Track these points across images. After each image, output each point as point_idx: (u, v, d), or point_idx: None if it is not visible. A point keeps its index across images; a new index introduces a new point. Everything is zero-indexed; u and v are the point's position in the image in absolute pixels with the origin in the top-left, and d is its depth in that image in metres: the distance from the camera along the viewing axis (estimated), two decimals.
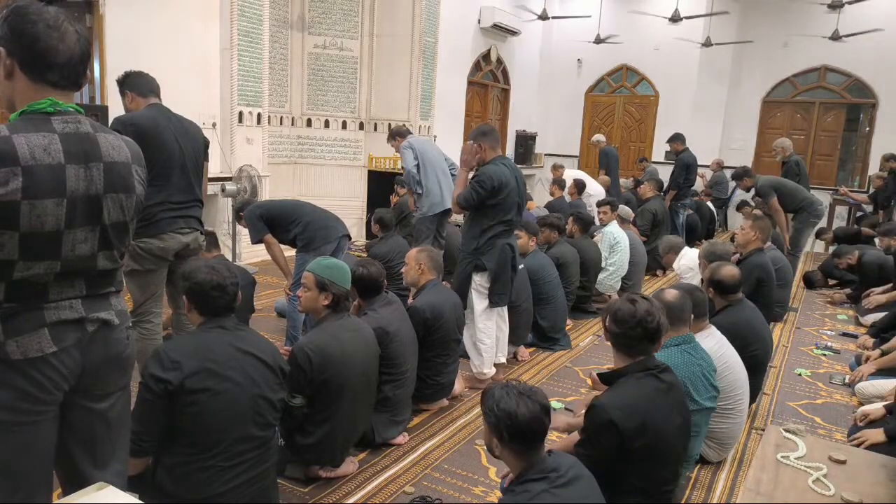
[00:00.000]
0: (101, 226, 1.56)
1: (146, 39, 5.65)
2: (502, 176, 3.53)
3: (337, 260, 2.95)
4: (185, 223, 3.07)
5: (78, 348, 1.56)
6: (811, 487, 1.67)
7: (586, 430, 2.16)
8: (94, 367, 1.60)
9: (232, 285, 2.18)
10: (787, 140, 7.24)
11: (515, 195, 3.63)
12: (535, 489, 1.72)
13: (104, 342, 1.62)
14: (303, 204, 4.21)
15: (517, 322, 4.26)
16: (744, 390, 3.02)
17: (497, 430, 1.75)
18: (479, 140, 3.61)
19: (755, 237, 4.57)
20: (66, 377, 1.55)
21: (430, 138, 8.49)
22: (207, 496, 2.06)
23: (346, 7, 7.82)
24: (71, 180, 1.48)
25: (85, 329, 1.57)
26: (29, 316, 1.49)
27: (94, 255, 1.57)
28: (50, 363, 1.51)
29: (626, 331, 2.16)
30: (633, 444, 2.03)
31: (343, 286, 2.72)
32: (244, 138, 6.50)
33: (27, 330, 1.48)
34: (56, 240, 1.48)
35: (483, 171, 3.55)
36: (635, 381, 2.14)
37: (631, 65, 11.90)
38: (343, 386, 2.61)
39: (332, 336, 2.65)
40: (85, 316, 1.57)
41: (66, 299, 1.55)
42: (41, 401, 1.52)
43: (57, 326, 1.52)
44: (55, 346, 1.51)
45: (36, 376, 1.50)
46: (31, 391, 1.50)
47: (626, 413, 2.05)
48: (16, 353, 1.47)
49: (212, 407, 2.04)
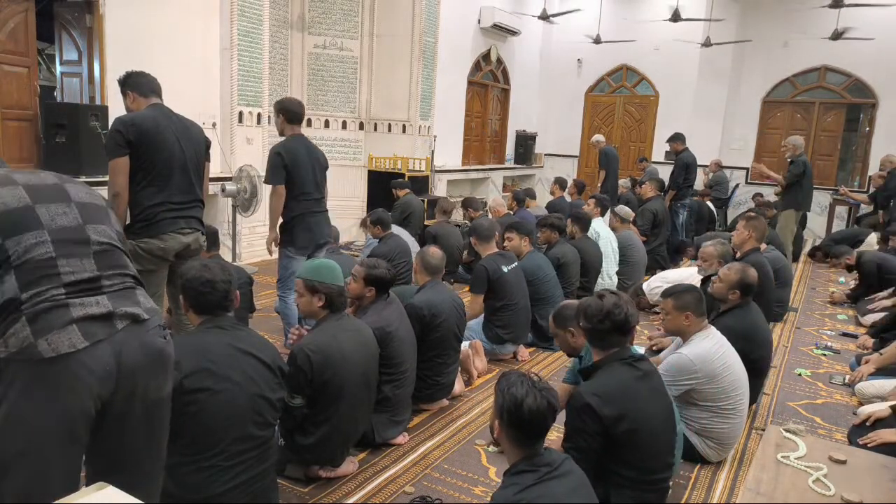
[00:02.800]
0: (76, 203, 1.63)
1: (146, 39, 5.65)
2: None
3: (323, 259, 2.94)
4: (186, 223, 3.07)
5: (110, 344, 1.52)
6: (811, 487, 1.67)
7: (567, 422, 2.21)
8: (132, 367, 1.56)
9: (223, 282, 2.18)
10: (799, 139, 7.22)
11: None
12: (524, 481, 1.74)
13: (138, 339, 1.58)
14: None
15: (515, 321, 4.27)
16: (744, 391, 3.02)
17: (500, 411, 1.81)
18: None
19: (749, 236, 4.58)
20: (99, 377, 1.51)
21: (430, 138, 8.50)
22: (207, 496, 2.06)
23: (346, 7, 7.82)
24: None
25: (114, 325, 1.55)
26: (56, 312, 1.47)
27: (81, 226, 1.59)
28: (82, 361, 1.48)
29: (595, 325, 2.27)
30: (616, 431, 2.09)
31: (332, 283, 2.71)
32: (244, 138, 6.50)
33: (56, 327, 1.46)
34: (30, 213, 1.53)
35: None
36: (612, 370, 2.23)
37: (631, 65, 11.90)
38: (343, 386, 2.61)
39: (332, 336, 2.65)
40: (112, 311, 1.55)
41: (88, 292, 1.53)
42: (76, 397, 1.48)
43: (85, 322, 1.50)
44: (87, 342, 1.48)
45: (69, 381, 1.47)
46: (62, 391, 1.47)
47: (604, 399, 2.12)
48: (47, 350, 1.44)
49: (211, 407, 2.04)
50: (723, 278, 3.47)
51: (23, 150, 5.10)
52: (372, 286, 3.09)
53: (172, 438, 2.05)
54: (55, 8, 5.50)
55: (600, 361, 2.27)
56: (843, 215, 10.08)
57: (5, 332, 1.46)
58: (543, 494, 1.72)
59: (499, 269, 4.21)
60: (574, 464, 1.87)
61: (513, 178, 11.99)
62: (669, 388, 2.63)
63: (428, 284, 3.52)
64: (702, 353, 2.92)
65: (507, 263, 4.29)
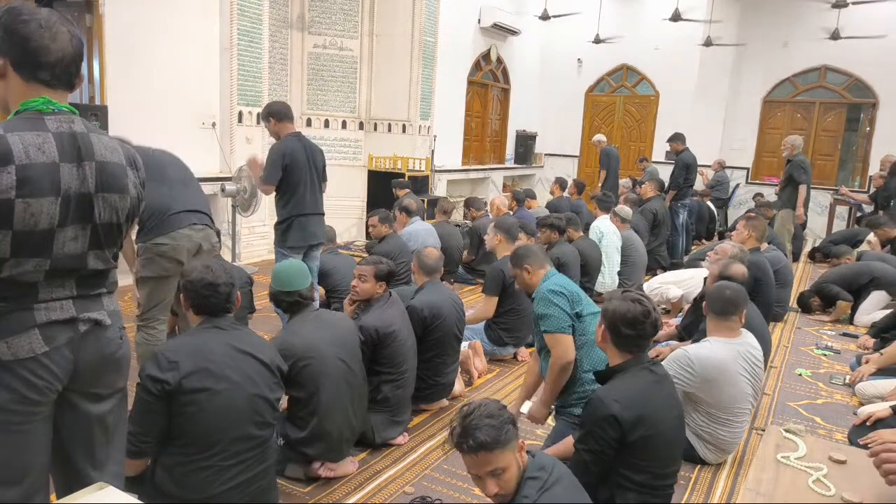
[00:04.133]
0: (93, 225, 1.57)
1: (146, 39, 5.64)
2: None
3: (286, 265, 2.91)
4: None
5: (69, 347, 1.55)
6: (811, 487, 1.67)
7: (585, 424, 2.17)
8: (87, 367, 1.60)
9: (225, 285, 2.17)
10: (798, 138, 7.28)
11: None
12: (531, 493, 1.73)
13: (96, 342, 1.61)
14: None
15: (518, 324, 4.26)
16: (744, 402, 2.97)
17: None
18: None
19: (749, 236, 4.57)
20: (58, 376, 1.55)
21: (430, 138, 8.49)
22: (206, 496, 2.06)
23: (346, 7, 7.82)
24: (65, 178, 1.48)
25: (77, 329, 1.57)
26: (19, 316, 1.48)
27: (84, 254, 1.57)
28: (41, 363, 1.51)
29: (624, 329, 2.18)
30: (633, 436, 2.06)
31: (283, 288, 2.72)
32: (244, 138, 6.49)
33: (17, 331, 1.48)
34: (48, 237, 1.48)
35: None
36: (631, 374, 2.18)
37: (631, 65, 11.90)
38: (318, 374, 2.60)
39: (292, 332, 2.68)
40: (76, 316, 1.56)
41: (57, 300, 1.54)
42: (33, 401, 1.52)
43: (48, 327, 1.52)
44: (46, 347, 1.51)
45: (27, 377, 1.49)
46: (22, 392, 1.49)
47: (625, 405, 2.07)
48: (6, 354, 1.46)
49: (210, 407, 2.04)
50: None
51: None
52: (383, 281, 3.15)
53: (171, 439, 2.06)
54: (55, 8, 5.49)
55: (620, 365, 2.22)
56: (844, 215, 10.07)
57: None
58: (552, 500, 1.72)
59: None
60: (561, 465, 1.87)
61: (513, 177, 11.99)
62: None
63: (427, 285, 3.52)
64: (705, 354, 2.90)
65: None
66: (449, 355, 3.48)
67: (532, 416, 2.90)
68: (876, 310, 5.40)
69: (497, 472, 1.72)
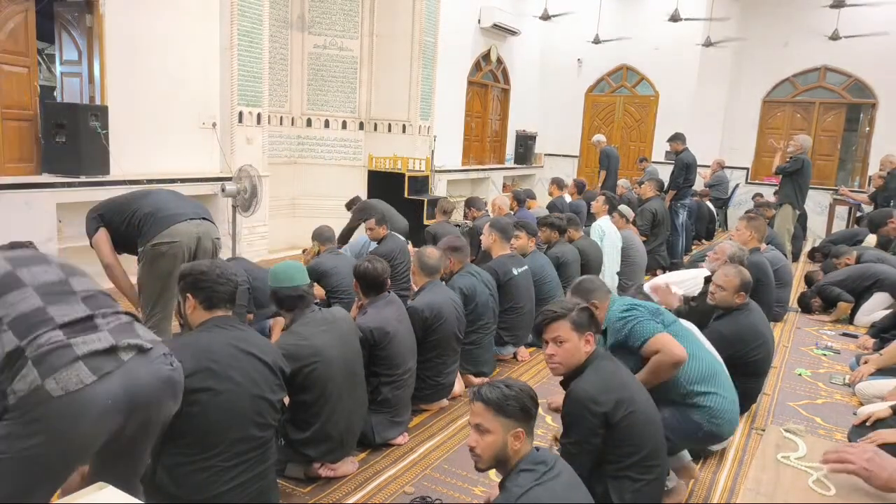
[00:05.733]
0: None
1: (146, 39, 5.65)
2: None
3: (283, 263, 2.90)
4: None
5: (119, 377, 1.55)
6: (811, 487, 1.67)
7: (568, 418, 2.22)
8: (144, 397, 1.60)
9: (234, 275, 2.24)
10: (808, 140, 7.35)
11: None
12: (525, 482, 1.75)
13: (145, 367, 1.62)
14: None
15: (518, 324, 4.26)
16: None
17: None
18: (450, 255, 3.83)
19: (751, 237, 4.57)
20: (110, 410, 1.53)
21: (430, 138, 8.49)
22: (207, 496, 2.06)
23: (346, 7, 7.82)
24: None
25: (120, 358, 1.57)
26: (60, 353, 1.49)
27: (65, 279, 1.62)
28: (91, 395, 1.49)
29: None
30: (616, 418, 2.13)
31: (284, 284, 2.70)
32: (244, 138, 6.50)
33: (62, 366, 1.48)
34: (11, 276, 1.58)
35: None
36: (599, 365, 2.26)
37: (631, 65, 11.90)
38: (324, 378, 2.60)
39: (297, 335, 2.63)
40: (115, 344, 1.57)
41: (87, 331, 1.55)
42: (82, 434, 1.51)
43: (90, 358, 1.52)
44: (94, 376, 1.50)
45: (76, 410, 1.48)
46: (69, 428, 1.48)
47: (602, 391, 2.16)
48: (56, 389, 1.45)
49: (212, 407, 2.04)
50: (725, 286, 3.42)
51: (23, 150, 5.10)
52: (357, 280, 3.13)
53: (173, 438, 2.05)
54: (55, 8, 5.49)
55: (588, 360, 2.28)
56: (844, 215, 10.07)
57: (13, 379, 1.46)
58: (545, 494, 1.73)
59: (509, 271, 4.18)
60: (565, 462, 1.88)
61: (513, 177, 11.99)
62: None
63: (427, 286, 3.51)
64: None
65: (518, 266, 4.26)
66: (449, 356, 3.48)
67: None
68: (877, 310, 5.40)
69: (481, 428, 1.82)
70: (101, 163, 5.22)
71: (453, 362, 3.55)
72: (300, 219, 7.73)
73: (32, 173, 5.13)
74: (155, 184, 5.23)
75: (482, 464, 1.85)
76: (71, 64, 5.60)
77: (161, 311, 3.09)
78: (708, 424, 2.69)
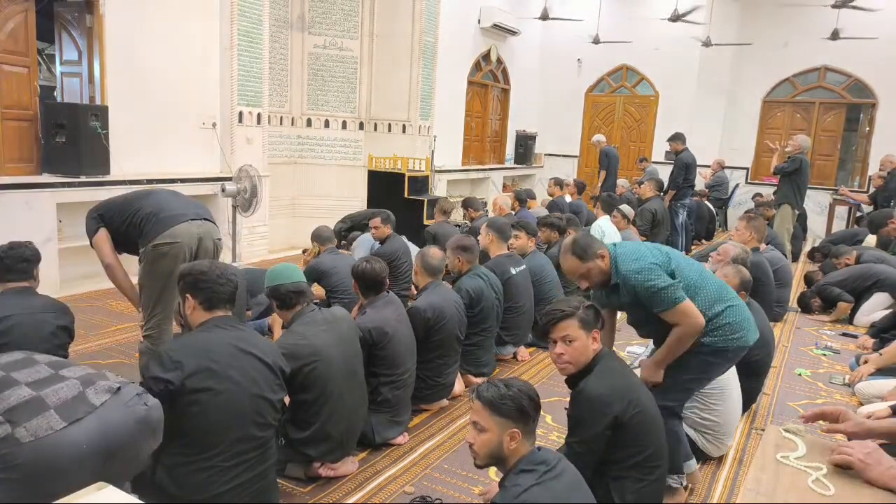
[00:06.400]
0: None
1: (146, 39, 5.65)
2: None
3: (280, 264, 2.90)
4: None
5: (93, 420, 1.55)
6: (811, 487, 1.67)
7: (577, 416, 2.22)
8: (120, 439, 1.59)
9: (234, 275, 2.23)
10: (807, 140, 7.36)
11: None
12: (525, 482, 1.75)
13: (120, 410, 1.61)
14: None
15: (518, 323, 4.26)
16: (726, 384, 2.96)
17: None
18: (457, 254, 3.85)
19: (750, 237, 4.57)
20: (85, 455, 1.52)
21: (430, 138, 8.49)
22: (207, 496, 2.06)
23: (346, 7, 7.82)
24: None
25: (91, 403, 1.57)
26: (30, 404, 1.50)
27: (55, 375, 1.61)
28: (62, 442, 1.49)
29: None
30: (625, 417, 2.14)
31: (282, 281, 2.70)
32: (244, 138, 6.50)
33: (33, 415, 1.49)
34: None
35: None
36: (607, 366, 2.26)
37: (631, 65, 11.90)
38: (324, 377, 2.59)
39: (297, 335, 2.63)
40: (83, 390, 1.58)
41: (54, 382, 1.56)
42: (52, 483, 1.48)
43: (62, 407, 1.52)
44: (64, 422, 1.50)
45: (46, 459, 1.47)
46: (45, 473, 1.47)
47: (613, 394, 2.16)
48: (25, 436, 1.46)
49: (212, 407, 2.04)
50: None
51: (23, 149, 5.11)
52: (355, 281, 3.14)
53: (173, 438, 2.05)
54: (55, 8, 5.50)
55: (596, 359, 2.27)
56: (843, 215, 10.07)
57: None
58: (544, 494, 1.73)
59: (507, 270, 4.18)
60: (568, 462, 1.88)
61: (513, 178, 11.99)
62: None
63: (429, 286, 3.51)
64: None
65: (516, 265, 4.27)
66: (450, 356, 3.48)
67: (644, 378, 2.66)
68: (877, 311, 5.40)
69: (478, 426, 1.84)
70: (101, 163, 5.23)
71: (454, 363, 3.55)
72: (300, 219, 7.73)
73: (32, 173, 5.13)
74: (155, 184, 5.24)
75: (479, 461, 1.88)
76: (71, 64, 5.61)
77: (162, 311, 3.08)
78: (734, 342, 2.57)
